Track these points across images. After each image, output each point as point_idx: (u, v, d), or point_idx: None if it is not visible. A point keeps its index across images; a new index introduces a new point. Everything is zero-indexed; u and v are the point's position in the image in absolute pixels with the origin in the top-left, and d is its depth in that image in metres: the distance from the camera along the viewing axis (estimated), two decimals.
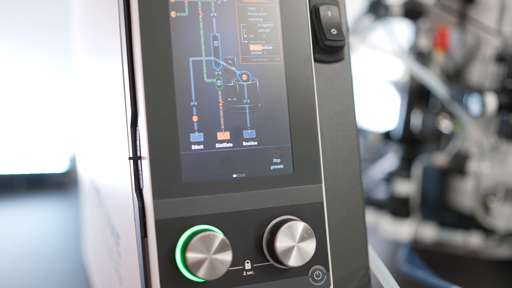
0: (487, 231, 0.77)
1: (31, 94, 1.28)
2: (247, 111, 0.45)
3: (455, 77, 0.81)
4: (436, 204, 0.83)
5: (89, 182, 0.67)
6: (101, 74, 0.54)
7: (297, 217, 0.45)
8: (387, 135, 0.90)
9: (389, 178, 0.87)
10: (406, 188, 0.82)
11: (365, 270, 0.49)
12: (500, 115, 0.71)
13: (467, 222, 0.79)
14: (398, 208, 0.82)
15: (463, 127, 0.77)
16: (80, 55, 0.72)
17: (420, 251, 0.80)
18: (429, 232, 0.80)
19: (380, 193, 0.94)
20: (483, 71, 0.76)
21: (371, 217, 0.86)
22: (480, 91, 0.70)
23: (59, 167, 1.29)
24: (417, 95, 0.85)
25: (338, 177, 0.49)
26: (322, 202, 0.45)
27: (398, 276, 0.74)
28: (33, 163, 1.27)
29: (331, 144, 0.49)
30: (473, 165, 0.75)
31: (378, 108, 1.07)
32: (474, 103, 0.70)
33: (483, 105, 0.69)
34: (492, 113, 0.69)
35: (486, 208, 0.73)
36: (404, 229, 0.81)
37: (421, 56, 0.82)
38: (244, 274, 0.43)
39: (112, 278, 0.55)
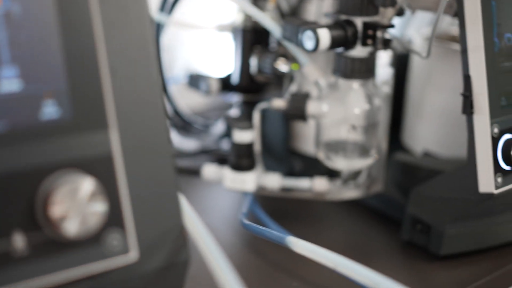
0: (332, 175, 0.74)
1: None
2: (5, 42, 0.35)
3: (291, 16, 0.76)
4: (280, 151, 0.78)
5: None
6: None
7: (81, 172, 0.36)
8: (226, 83, 0.84)
9: (231, 128, 0.81)
10: (247, 137, 0.76)
11: (178, 231, 0.41)
12: (336, 53, 0.67)
13: (312, 167, 0.75)
14: (241, 159, 0.77)
15: (301, 67, 0.73)
16: None
17: (265, 200, 0.76)
18: (274, 180, 0.75)
19: (224, 145, 0.89)
20: (318, 8, 0.72)
21: (216, 170, 0.80)
22: (313, 27, 0.65)
23: None
24: (253, 38, 0.79)
25: (138, 123, 0.41)
26: (112, 152, 0.37)
27: (237, 230, 0.69)
28: None
29: (126, 83, 0.40)
30: (312, 107, 0.70)
31: (215, 54, 1.01)
32: (307, 39, 0.66)
33: (317, 40, 0.64)
34: (325, 48, 0.65)
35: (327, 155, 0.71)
36: (248, 180, 0.75)
37: None
38: (12, 254, 0.34)
39: None
